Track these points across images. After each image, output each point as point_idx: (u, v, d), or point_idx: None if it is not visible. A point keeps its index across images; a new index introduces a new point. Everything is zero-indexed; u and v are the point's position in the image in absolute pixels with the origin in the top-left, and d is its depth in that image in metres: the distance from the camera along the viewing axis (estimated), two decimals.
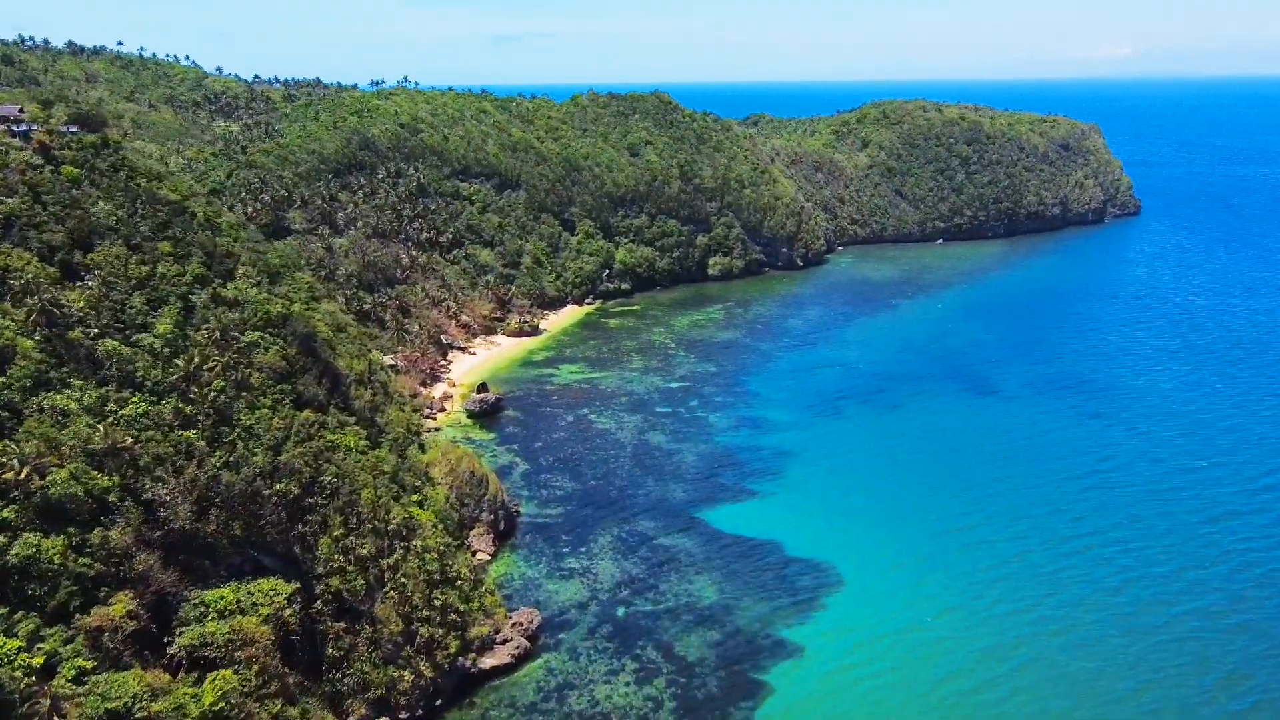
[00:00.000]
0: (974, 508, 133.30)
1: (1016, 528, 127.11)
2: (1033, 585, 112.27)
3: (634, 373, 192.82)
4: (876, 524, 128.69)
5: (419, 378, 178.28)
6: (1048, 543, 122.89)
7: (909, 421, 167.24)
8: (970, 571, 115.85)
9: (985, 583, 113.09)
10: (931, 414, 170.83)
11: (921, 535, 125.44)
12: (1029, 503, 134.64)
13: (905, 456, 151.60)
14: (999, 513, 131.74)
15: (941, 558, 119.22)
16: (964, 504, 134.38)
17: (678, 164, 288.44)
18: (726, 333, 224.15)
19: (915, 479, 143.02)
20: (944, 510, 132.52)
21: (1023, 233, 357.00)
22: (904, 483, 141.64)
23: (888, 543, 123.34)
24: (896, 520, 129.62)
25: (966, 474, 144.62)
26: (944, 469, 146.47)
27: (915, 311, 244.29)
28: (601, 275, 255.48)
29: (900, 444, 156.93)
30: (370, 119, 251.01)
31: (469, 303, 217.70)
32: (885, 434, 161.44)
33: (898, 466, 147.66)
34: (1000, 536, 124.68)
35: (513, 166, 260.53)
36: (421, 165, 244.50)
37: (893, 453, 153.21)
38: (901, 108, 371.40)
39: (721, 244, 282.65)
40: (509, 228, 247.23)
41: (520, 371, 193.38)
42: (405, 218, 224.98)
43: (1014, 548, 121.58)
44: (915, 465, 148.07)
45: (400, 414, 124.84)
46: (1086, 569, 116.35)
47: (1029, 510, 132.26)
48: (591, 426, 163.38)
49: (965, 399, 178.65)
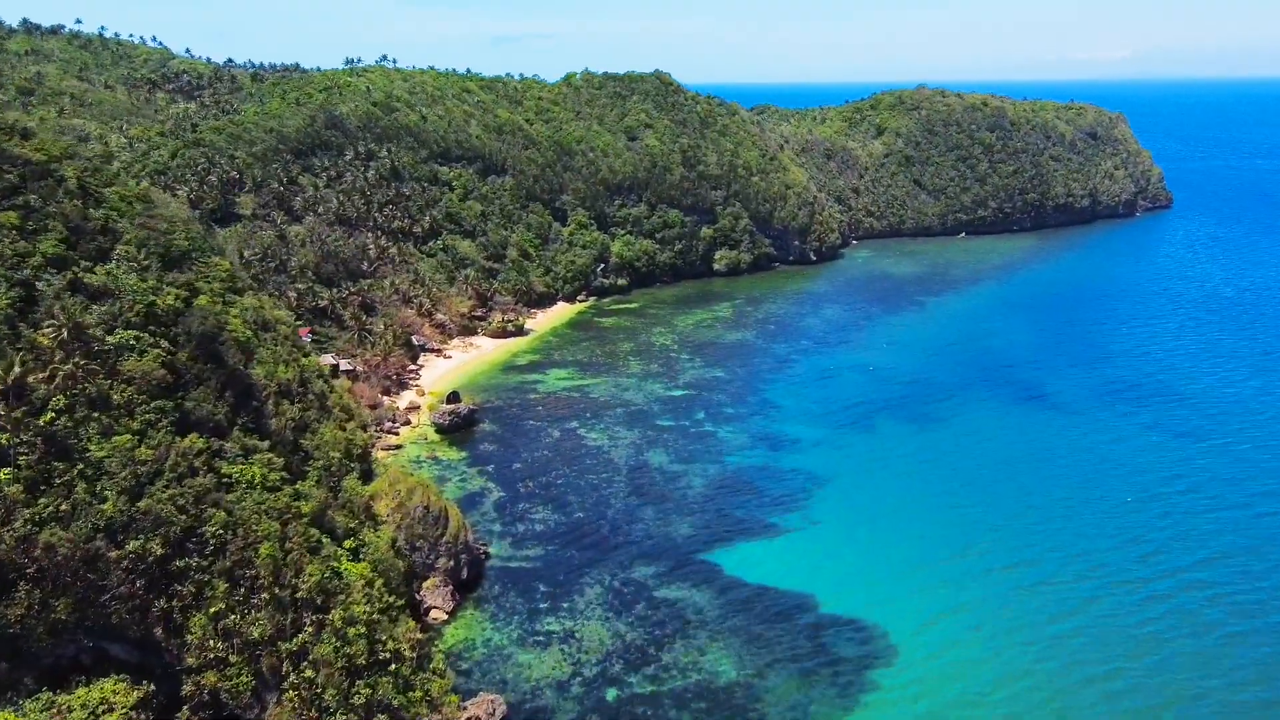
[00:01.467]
0: (1032, 540, 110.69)
1: (1081, 565, 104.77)
2: (1108, 644, 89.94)
3: (631, 379, 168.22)
4: (922, 565, 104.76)
5: (381, 385, 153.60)
6: (1119, 586, 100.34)
7: (951, 437, 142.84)
8: (1034, 624, 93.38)
9: (1052, 640, 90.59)
10: (975, 427, 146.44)
11: (975, 577, 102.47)
12: (1093, 534, 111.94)
13: (949, 479, 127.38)
14: (1060, 546, 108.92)
15: (1000, 606, 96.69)
16: (1020, 536, 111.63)
17: (680, 149, 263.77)
18: (735, 333, 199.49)
19: (962, 506, 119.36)
20: (998, 544, 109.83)
21: (1050, 226, 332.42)
22: (950, 511, 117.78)
23: (938, 589, 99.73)
24: (945, 559, 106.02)
25: (1020, 499, 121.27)
26: (994, 493, 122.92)
27: (945, 309, 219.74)
28: (596, 270, 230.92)
29: (943, 464, 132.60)
30: (339, 96, 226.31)
31: (445, 299, 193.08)
32: (924, 452, 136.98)
33: (942, 491, 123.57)
34: (1063, 576, 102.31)
35: (498, 150, 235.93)
36: (396, 147, 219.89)
37: (935, 475, 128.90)
38: (918, 94, 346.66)
39: (728, 236, 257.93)
40: (493, 217, 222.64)
41: (501, 378, 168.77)
42: (375, 204, 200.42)
43: (1080, 591, 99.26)
44: (961, 490, 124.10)
45: (337, 434, 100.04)
46: (1171, 621, 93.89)
47: (1094, 543, 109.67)
48: (580, 444, 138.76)
49: (1012, 409, 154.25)
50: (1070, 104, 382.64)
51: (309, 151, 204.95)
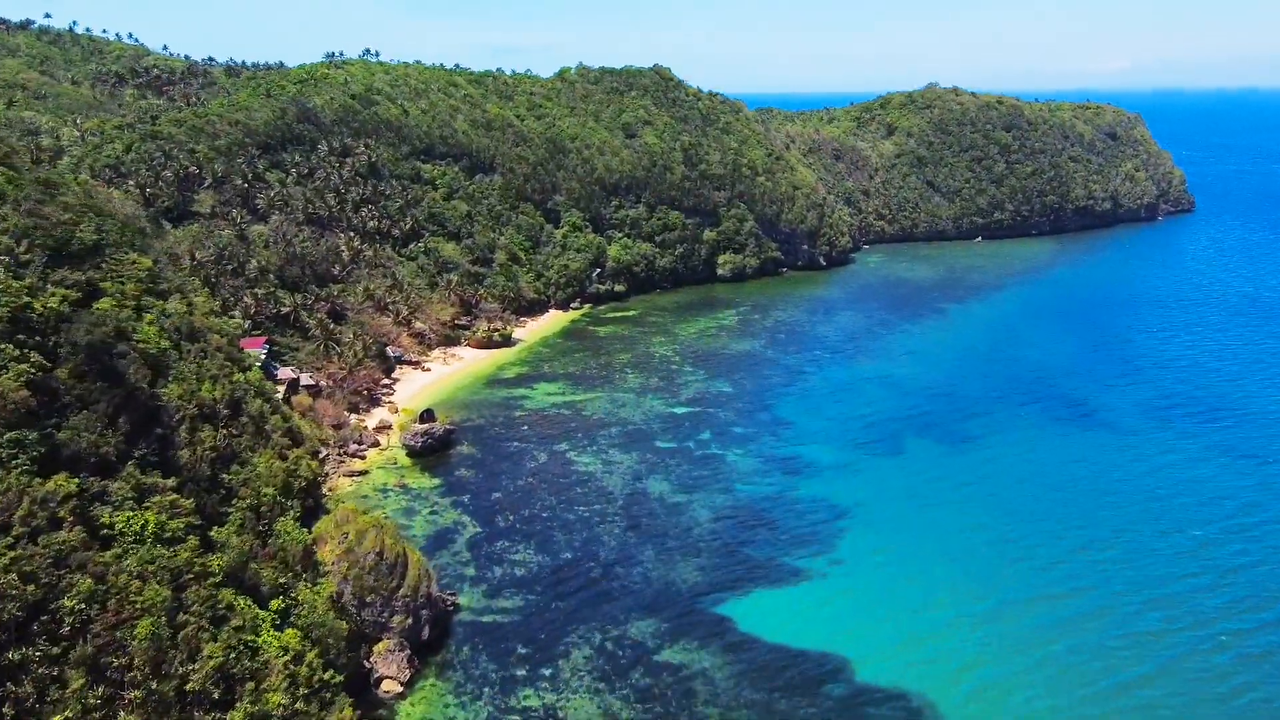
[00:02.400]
0: (1093, 583, 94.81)
1: (1156, 617, 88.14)
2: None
3: (628, 394, 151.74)
4: (970, 617, 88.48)
5: (347, 402, 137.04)
6: (1206, 641, 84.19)
7: (989, 460, 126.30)
8: (1106, 691, 77.00)
9: (1135, 710, 74.59)
10: (1016, 449, 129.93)
11: (1032, 631, 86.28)
12: (1167, 575, 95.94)
13: (992, 510, 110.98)
14: (1128, 591, 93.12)
15: (1064, 668, 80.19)
16: (1079, 579, 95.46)
17: (681, 147, 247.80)
18: (742, 343, 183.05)
19: (1009, 542, 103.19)
20: (1053, 589, 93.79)
21: (1070, 230, 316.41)
22: (996, 549, 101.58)
23: (990, 647, 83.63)
24: (996, 609, 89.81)
25: (1075, 533, 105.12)
26: (1044, 527, 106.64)
27: (969, 316, 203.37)
28: (591, 275, 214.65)
29: (982, 492, 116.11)
30: (314, 88, 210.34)
31: (425, 306, 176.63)
32: (960, 477, 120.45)
33: (984, 525, 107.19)
34: (1137, 629, 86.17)
35: (486, 146, 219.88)
36: (374, 142, 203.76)
37: (974, 504, 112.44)
38: (930, 93, 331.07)
39: (732, 239, 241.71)
40: (480, 218, 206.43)
41: (484, 393, 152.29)
42: (349, 203, 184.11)
43: (1161, 651, 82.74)
44: (1006, 522, 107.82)
45: (275, 464, 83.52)
46: (1275, 686, 77.32)
47: (1168, 586, 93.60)
48: (570, 469, 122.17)
49: (1054, 428, 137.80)
50: (1087, 104, 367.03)
51: (278, 146, 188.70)
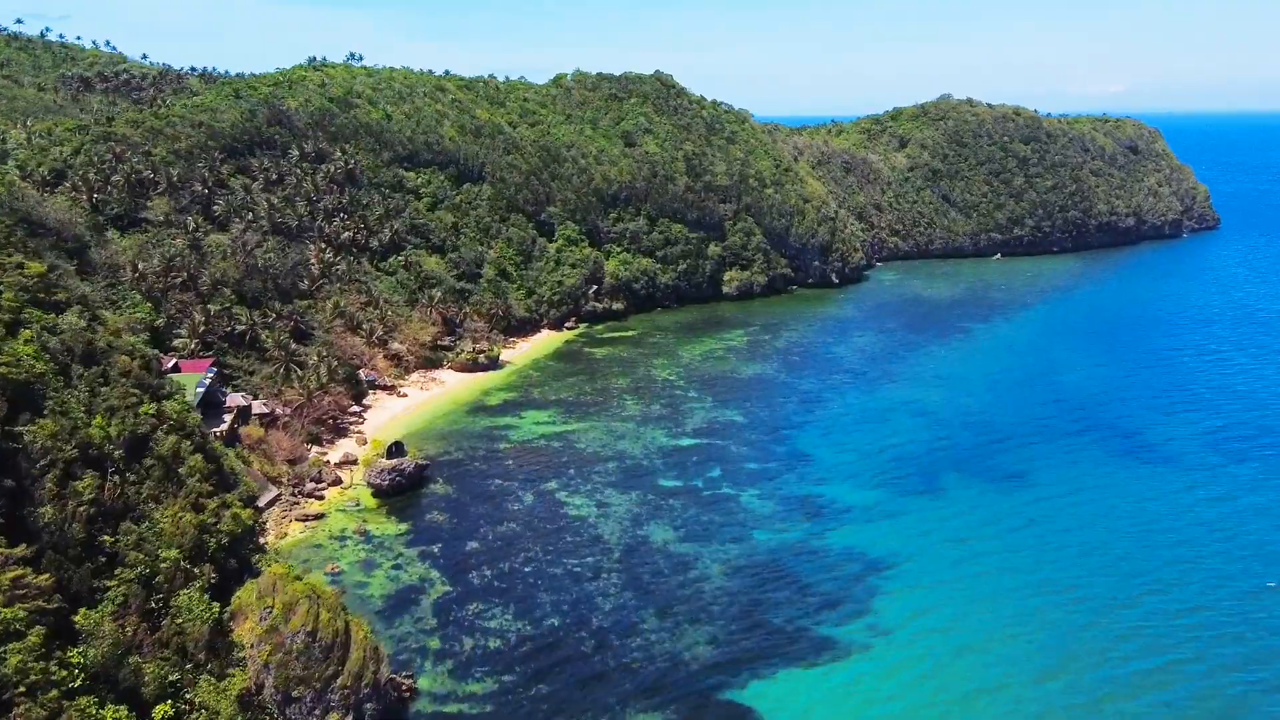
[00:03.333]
0: (1189, 653, 78.39)
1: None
2: None
3: (627, 424, 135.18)
4: (1044, 702, 71.37)
5: (306, 433, 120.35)
6: None
7: (1043, 500, 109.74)
8: None
9: None
10: (1073, 487, 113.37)
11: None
12: (1271, 641, 78.80)
13: (1054, 561, 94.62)
14: (1229, 667, 76.20)
15: None
16: (1169, 648, 79.06)
17: (684, 156, 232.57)
18: (753, 366, 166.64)
19: (1081, 602, 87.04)
20: (1142, 661, 77.31)
21: (1093, 247, 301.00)
22: (1065, 611, 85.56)
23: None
24: (1074, 688, 73.29)
25: (1156, 591, 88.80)
26: (1120, 583, 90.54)
27: (997, 337, 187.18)
28: (587, 291, 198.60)
29: (1040, 540, 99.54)
30: (289, 90, 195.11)
31: (404, 325, 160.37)
32: (1012, 522, 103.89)
33: (1048, 580, 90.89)
34: (1250, 709, 69.88)
35: (475, 154, 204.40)
36: (353, 147, 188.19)
37: (1033, 555, 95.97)
38: (943, 104, 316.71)
39: (739, 254, 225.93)
40: (467, 229, 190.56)
41: (466, 421, 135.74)
42: (322, 211, 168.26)
43: None
44: (1074, 576, 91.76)
45: (186, 518, 66.84)
46: None
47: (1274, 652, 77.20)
48: (559, 512, 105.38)
49: (1110, 463, 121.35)
50: (1106, 117, 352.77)
51: (246, 150, 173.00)
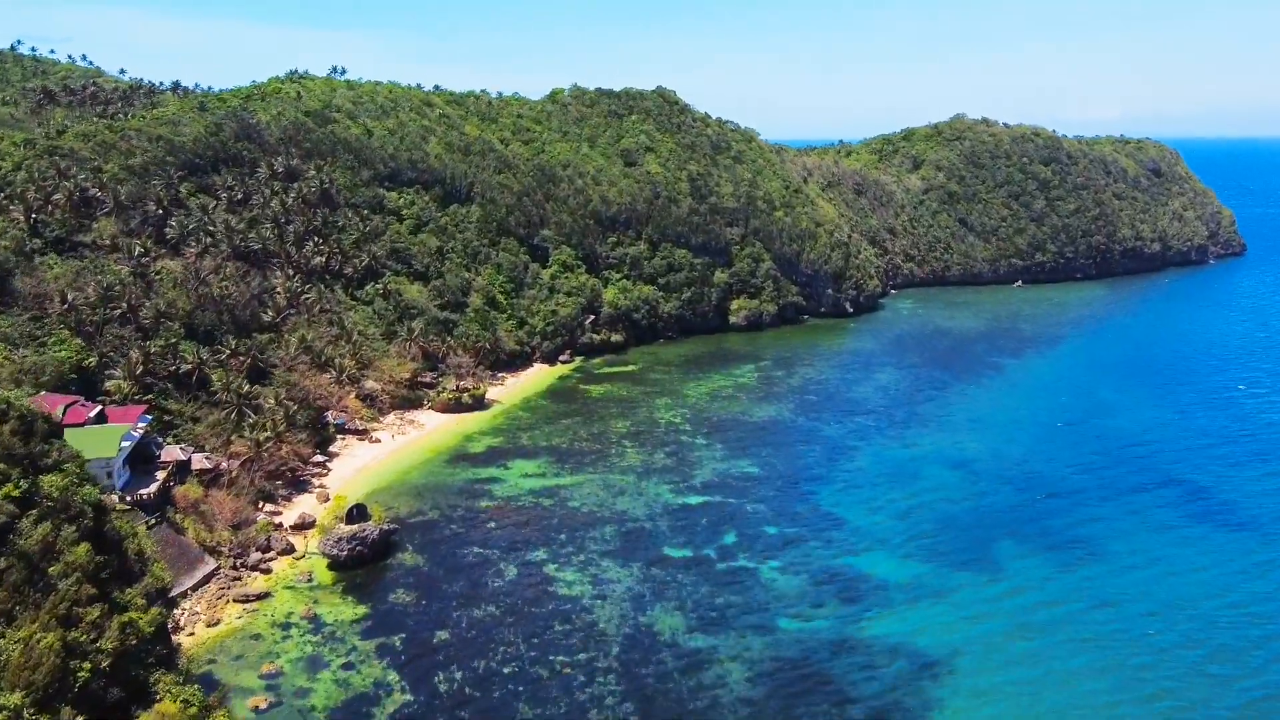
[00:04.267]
0: None
1: None
2: None
3: (627, 477, 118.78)
4: None
5: (256, 490, 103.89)
6: None
7: (1117, 577, 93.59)
8: None
9: None
10: (1149, 559, 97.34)
11: None
12: None
13: (1140, 658, 78.33)
14: None
15: None
16: None
17: (687, 176, 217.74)
18: (766, 407, 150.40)
19: (1184, 711, 69.92)
20: None
21: (1118, 273, 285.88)
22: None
23: None
24: None
25: (1270, 694, 71.83)
26: (1219, 688, 73.94)
27: (1032, 375, 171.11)
28: (583, 322, 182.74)
29: (1122, 631, 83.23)
30: (261, 104, 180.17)
31: (379, 361, 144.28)
32: (1083, 604, 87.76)
33: (1135, 682, 74.67)
34: None
35: (463, 172, 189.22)
36: (329, 165, 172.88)
37: (1115, 650, 79.88)
38: (958, 124, 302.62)
39: (747, 282, 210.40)
40: (453, 254, 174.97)
41: (444, 473, 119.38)
42: (291, 234, 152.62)
43: None
44: (1165, 676, 75.56)
45: (45, 642, 50.34)
46: None
47: None
48: (547, 592, 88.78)
49: (1189, 528, 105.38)
50: (1127, 139, 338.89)
51: (210, 167, 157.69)
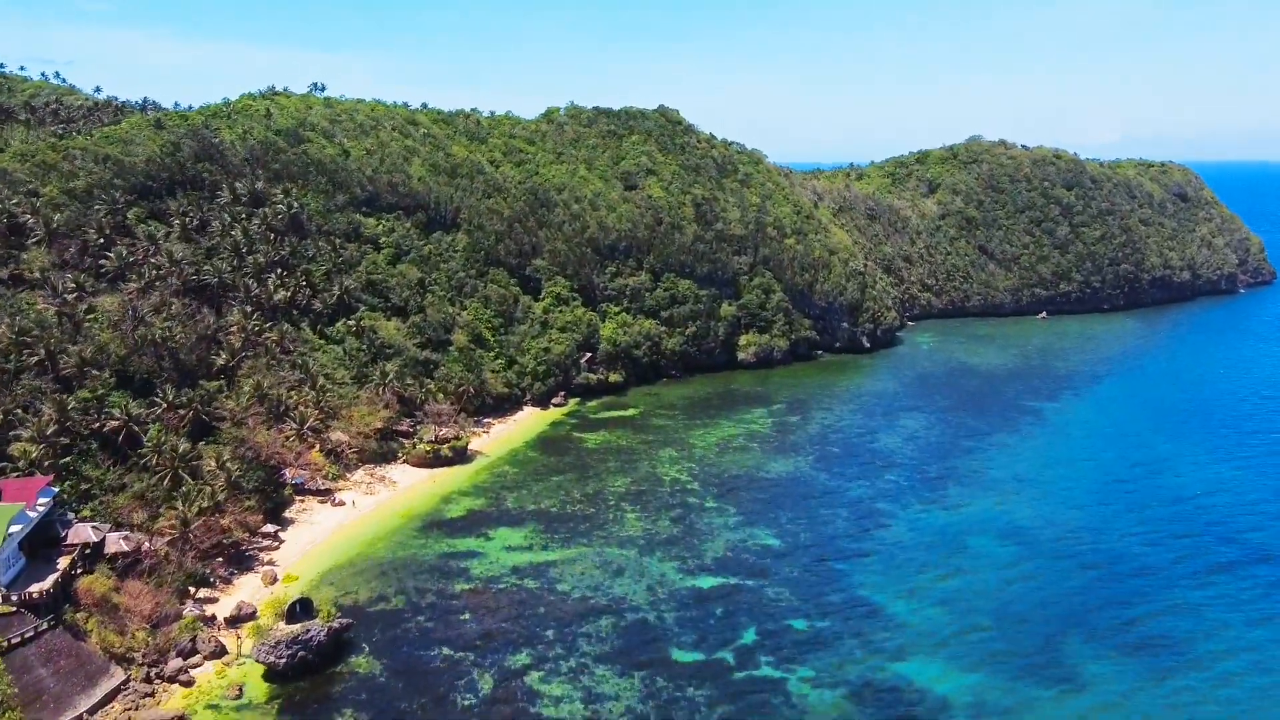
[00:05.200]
0: None
1: None
2: None
3: (627, 551, 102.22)
4: None
5: (184, 576, 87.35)
6: None
7: (1220, 686, 76.91)
8: None
9: None
10: (1259, 666, 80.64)
11: None
12: None
13: None
14: None
15: None
16: None
17: (692, 201, 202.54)
18: (783, 460, 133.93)
19: None
20: None
21: (1147, 303, 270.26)
22: None
23: None
24: None
25: None
26: None
27: (1075, 421, 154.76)
28: (579, 361, 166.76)
29: None
30: (227, 121, 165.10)
31: (348, 409, 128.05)
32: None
33: None
34: None
35: (448, 197, 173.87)
36: (299, 188, 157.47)
37: None
38: (975, 146, 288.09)
39: (756, 315, 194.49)
40: (435, 287, 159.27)
41: (416, 545, 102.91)
42: (251, 265, 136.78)
43: None
44: None
45: None
46: None
47: None
48: (529, 713, 71.97)
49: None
50: (1150, 162, 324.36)
51: (164, 191, 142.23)
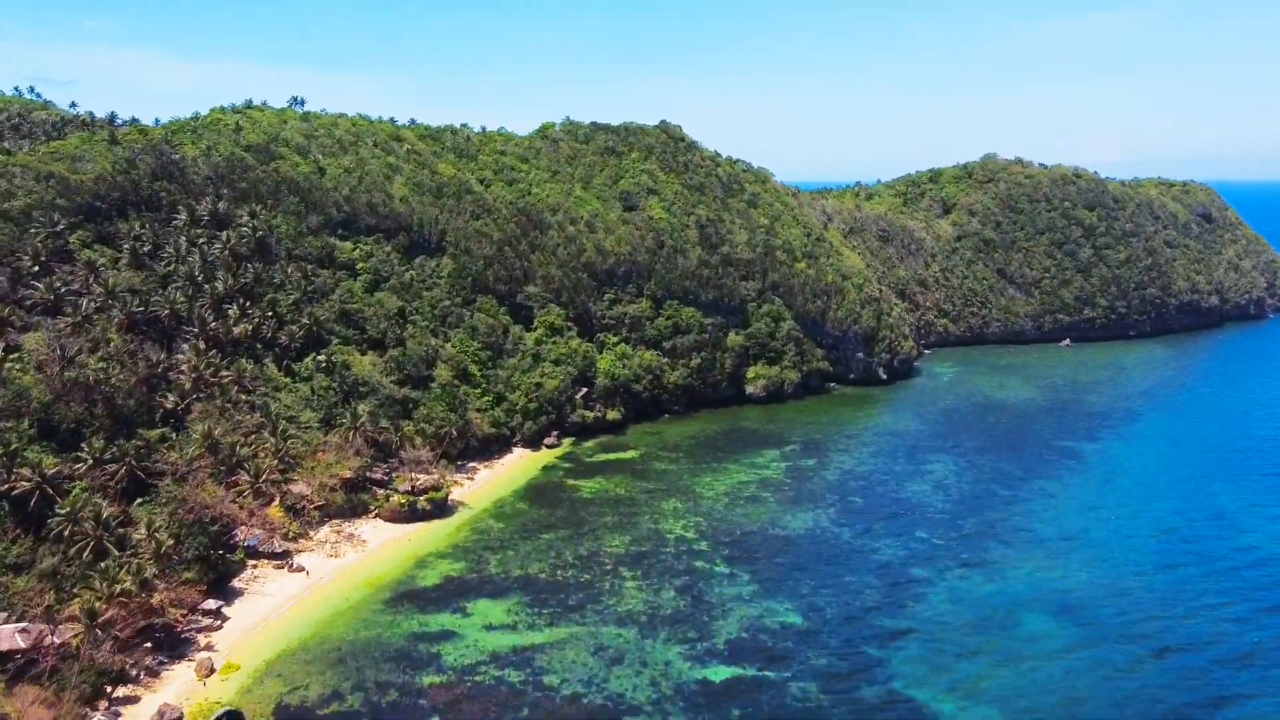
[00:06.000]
0: None
1: None
2: None
3: (625, 630, 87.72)
4: None
5: (94, 674, 72.90)
6: None
7: None
8: None
9: None
10: None
11: None
12: None
13: None
14: None
15: None
16: None
17: (696, 223, 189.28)
18: (800, 514, 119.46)
19: None
20: None
21: (1174, 330, 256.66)
22: None
23: None
24: None
25: None
26: None
27: (1120, 465, 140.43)
28: (574, 396, 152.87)
29: None
30: (191, 137, 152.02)
31: (314, 457, 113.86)
32: None
33: None
34: None
35: (433, 218, 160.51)
36: (268, 209, 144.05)
37: None
38: (991, 164, 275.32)
39: (766, 345, 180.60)
40: (418, 316, 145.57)
41: (382, 623, 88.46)
42: (207, 297, 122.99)
43: None
44: None
45: None
46: None
47: None
48: None
49: None
50: (1168, 181, 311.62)
51: (115, 212, 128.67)
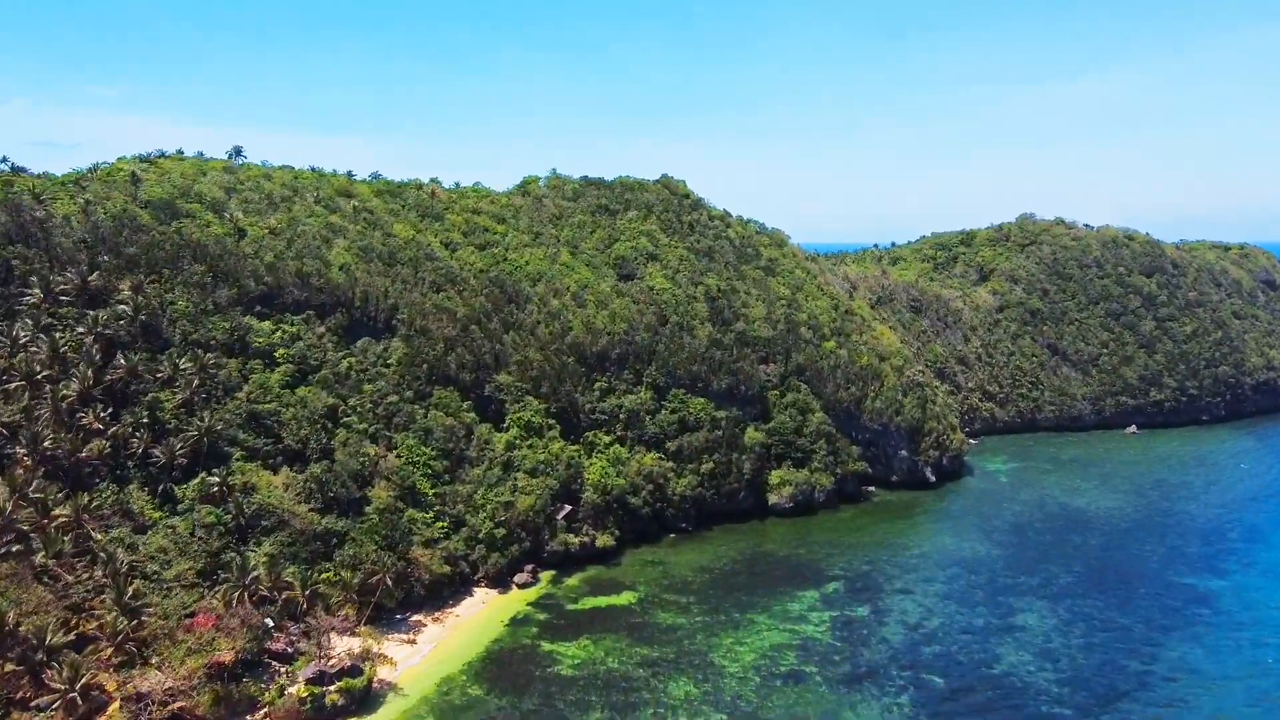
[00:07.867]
0: None
1: None
2: None
3: None
4: None
5: None
6: None
7: None
8: None
9: None
10: None
11: None
12: None
13: None
14: None
15: None
16: None
17: (704, 293, 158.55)
18: (863, 704, 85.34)
19: None
20: None
21: (1248, 413, 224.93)
22: None
23: None
24: None
25: None
26: None
27: (1268, 613, 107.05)
28: (555, 517, 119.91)
29: None
30: (71, 191, 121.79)
31: (183, 631, 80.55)
32: None
33: None
34: None
35: (382, 291, 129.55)
36: (162, 281, 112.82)
37: None
38: (1031, 226, 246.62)
39: (791, 443, 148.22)
40: (354, 417, 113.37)
41: None
42: (53, 398, 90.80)
43: None
44: None
45: None
46: None
47: None
48: None
49: None
50: (1224, 245, 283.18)
51: None
